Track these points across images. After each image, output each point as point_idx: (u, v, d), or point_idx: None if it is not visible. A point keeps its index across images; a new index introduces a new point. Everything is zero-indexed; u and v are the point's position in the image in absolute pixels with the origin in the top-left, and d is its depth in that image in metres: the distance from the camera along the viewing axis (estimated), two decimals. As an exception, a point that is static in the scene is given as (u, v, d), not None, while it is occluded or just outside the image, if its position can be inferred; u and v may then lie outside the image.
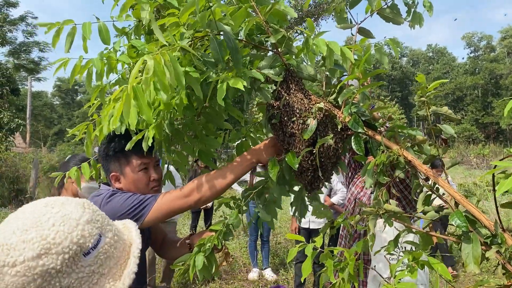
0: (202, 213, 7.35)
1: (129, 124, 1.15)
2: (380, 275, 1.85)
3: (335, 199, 5.06)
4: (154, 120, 1.37)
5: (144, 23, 1.33)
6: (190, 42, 1.25)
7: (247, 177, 5.90)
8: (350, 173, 2.56)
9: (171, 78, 1.07)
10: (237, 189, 6.37)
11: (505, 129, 47.88)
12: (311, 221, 5.03)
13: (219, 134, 1.73)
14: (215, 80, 1.24)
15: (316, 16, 20.09)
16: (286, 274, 5.92)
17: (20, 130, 18.21)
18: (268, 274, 5.83)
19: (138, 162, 1.64)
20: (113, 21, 1.44)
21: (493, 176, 1.18)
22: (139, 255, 0.91)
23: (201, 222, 7.56)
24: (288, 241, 7.44)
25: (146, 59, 1.08)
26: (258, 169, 5.53)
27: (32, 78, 23.92)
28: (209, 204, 6.61)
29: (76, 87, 57.64)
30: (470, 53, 60.67)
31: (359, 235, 2.42)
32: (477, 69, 55.40)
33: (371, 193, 2.48)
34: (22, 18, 22.58)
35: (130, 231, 0.98)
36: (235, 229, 1.55)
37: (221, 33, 1.24)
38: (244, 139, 1.74)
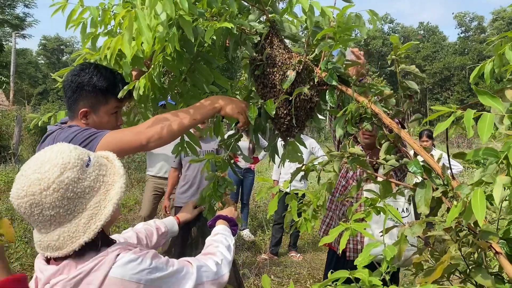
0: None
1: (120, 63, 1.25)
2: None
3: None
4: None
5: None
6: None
7: None
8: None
9: None
10: None
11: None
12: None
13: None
14: (204, 24, 1.35)
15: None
16: (263, 235, 6.16)
17: (3, 87, 17.86)
18: (246, 234, 6.06)
19: (115, 105, 1.59)
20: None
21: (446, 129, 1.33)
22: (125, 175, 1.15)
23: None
24: (267, 205, 7.68)
25: None
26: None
27: (17, 35, 23.27)
28: None
29: (62, 47, 56.10)
30: (461, 33, 60.73)
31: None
32: (466, 50, 55.59)
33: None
34: (7, -29, 21.85)
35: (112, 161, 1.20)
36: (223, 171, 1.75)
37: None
38: None
